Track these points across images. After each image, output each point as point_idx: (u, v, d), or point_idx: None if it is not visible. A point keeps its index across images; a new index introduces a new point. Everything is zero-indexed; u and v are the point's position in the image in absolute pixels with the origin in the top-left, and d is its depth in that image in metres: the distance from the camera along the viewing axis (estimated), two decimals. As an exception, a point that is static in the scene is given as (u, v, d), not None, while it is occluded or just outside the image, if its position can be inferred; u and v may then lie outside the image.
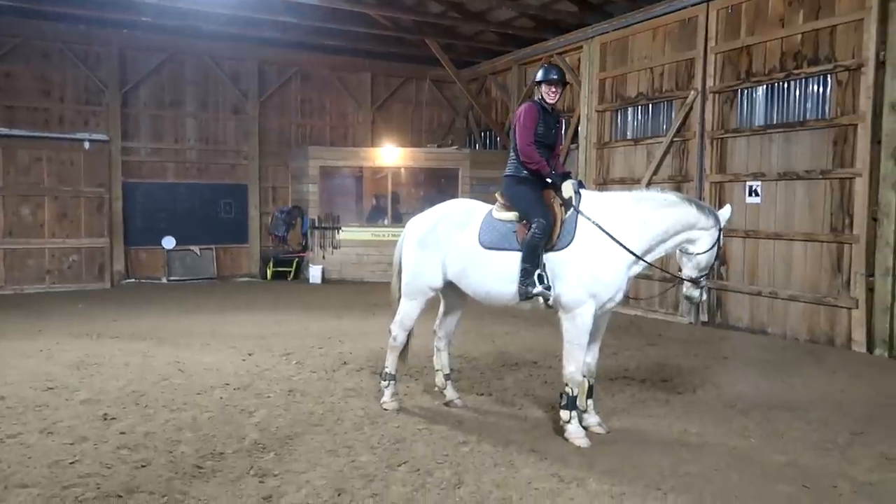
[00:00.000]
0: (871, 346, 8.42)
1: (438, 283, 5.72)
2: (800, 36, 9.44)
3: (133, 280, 14.83)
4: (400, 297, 5.99)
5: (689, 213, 4.99)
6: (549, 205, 5.23)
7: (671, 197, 5.12)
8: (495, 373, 7.19)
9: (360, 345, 8.50)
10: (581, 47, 13.42)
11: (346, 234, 15.22)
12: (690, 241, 5.03)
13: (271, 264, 15.61)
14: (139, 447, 4.83)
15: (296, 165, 15.92)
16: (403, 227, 17.23)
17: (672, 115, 11.50)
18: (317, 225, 15.14)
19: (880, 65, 8.38)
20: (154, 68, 14.99)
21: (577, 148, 13.60)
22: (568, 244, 5.09)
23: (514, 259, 5.22)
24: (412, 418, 5.57)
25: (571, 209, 5.15)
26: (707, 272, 5.10)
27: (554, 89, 5.41)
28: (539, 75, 5.51)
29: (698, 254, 5.00)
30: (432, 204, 17.65)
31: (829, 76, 9.12)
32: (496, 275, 5.34)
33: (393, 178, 15.89)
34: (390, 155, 15.59)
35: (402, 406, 5.83)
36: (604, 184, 12.91)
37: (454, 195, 15.52)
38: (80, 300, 12.25)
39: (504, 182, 5.58)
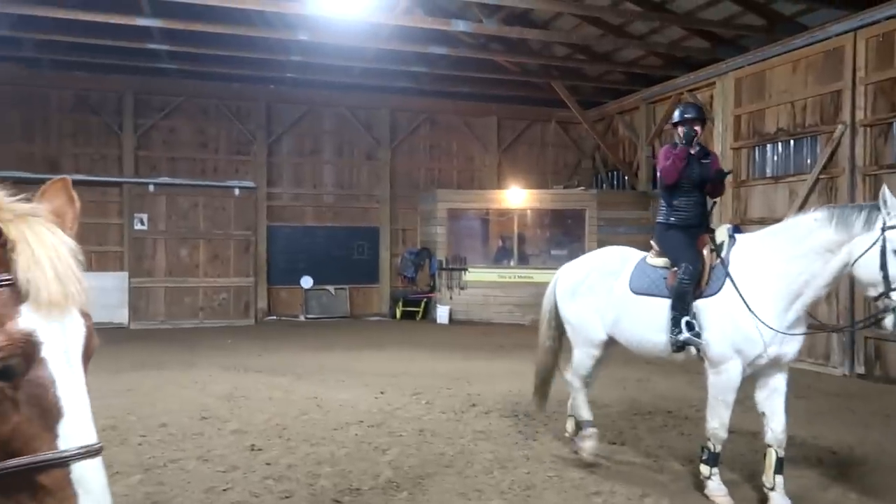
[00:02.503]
0: None
1: (600, 334, 5.55)
2: (965, 62, 8.66)
3: (274, 317, 15.80)
4: (547, 343, 6.11)
5: (827, 233, 4.44)
6: (699, 250, 5.03)
7: (811, 223, 4.53)
8: (628, 421, 6.97)
9: (488, 387, 8.53)
10: (714, 83, 13.02)
11: (473, 275, 15.43)
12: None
13: (400, 304, 16.09)
14: (283, 478, 5.11)
15: (424, 208, 16.44)
16: (529, 268, 17.07)
17: (817, 151, 10.83)
18: (444, 266, 15.48)
19: None
20: (296, 120, 16.17)
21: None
22: (715, 292, 4.81)
23: (664, 306, 5.02)
24: (542, 465, 5.51)
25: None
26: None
27: (696, 128, 5.29)
28: (675, 116, 5.41)
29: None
30: (559, 245, 17.55)
31: None
32: (647, 323, 5.15)
33: (519, 220, 15.99)
34: (516, 197, 15.73)
35: (596, 455, 5.54)
36: (741, 224, 12.28)
37: (581, 236, 15.41)
38: (228, 335, 13.19)
39: (655, 228, 5.54)
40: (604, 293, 5.46)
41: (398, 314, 16.08)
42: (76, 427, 1.50)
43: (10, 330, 1.46)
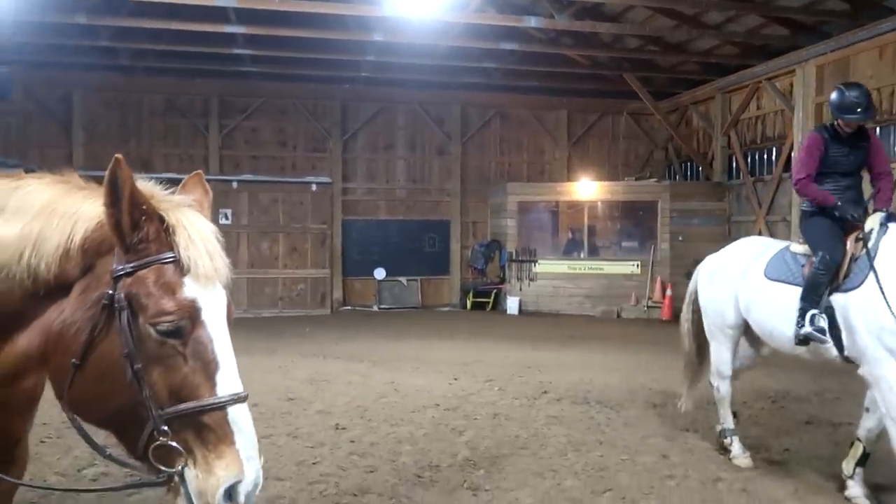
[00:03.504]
0: None
1: (732, 318, 5.33)
2: None
3: (349, 307, 16.37)
4: (685, 325, 5.93)
5: None
6: (842, 238, 4.63)
7: None
8: (701, 410, 6.96)
9: (558, 375, 8.67)
10: (793, 71, 12.69)
11: (543, 266, 15.53)
12: None
13: (471, 295, 16.36)
14: (367, 455, 5.44)
15: (495, 201, 16.63)
16: (600, 260, 17.04)
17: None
18: (514, 258, 15.63)
19: None
20: (370, 117, 16.66)
21: (791, 177, 12.74)
22: (857, 286, 4.38)
23: (796, 296, 4.68)
24: (615, 449, 5.65)
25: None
26: None
27: (853, 125, 4.82)
28: (834, 101, 4.85)
29: None
30: (629, 237, 17.50)
31: None
32: (777, 311, 4.85)
33: (589, 212, 15.98)
34: (586, 189, 15.72)
35: (750, 458, 5.30)
36: (822, 215, 11.95)
37: (653, 228, 15.28)
38: (306, 324, 13.78)
39: (800, 215, 5.31)
40: (738, 278, 5.25)
41: (468, 305, 16.35)
42: (229, 378, 1.82)
43: (179, 297, 1.80)
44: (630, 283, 15.18)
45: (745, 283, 5.17)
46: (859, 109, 4.71)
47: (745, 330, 5.39)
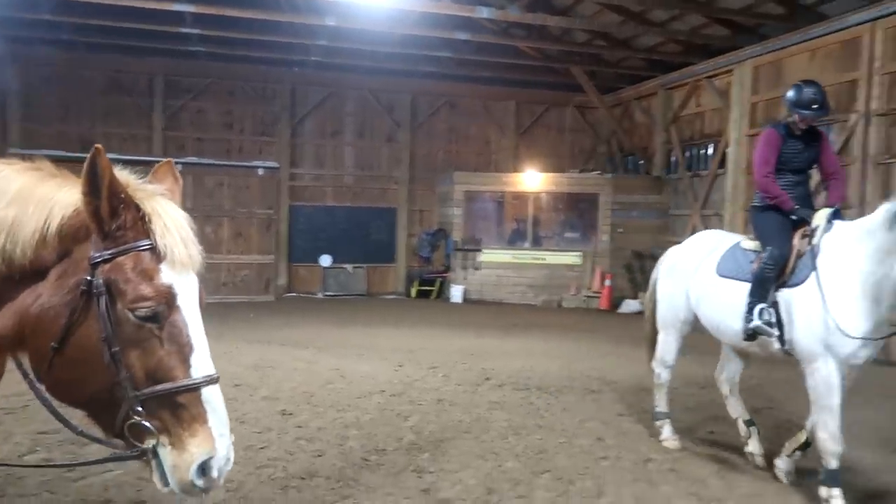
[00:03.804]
0: None
1: (683, 313, 5.48)
2: (979, 55, 8.82)
3: (293, 294, 16.27)
4: (648, 312, 6.05)
5: None
6: (789, 234, 4.70)
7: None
8: (635, 396, 7.32)
9: (500, 362, 8.91)
10: (731, 70, 13.20)
11: (487, 256, 15.78)
12: None
13: (416, 283, 16.51)
14: (314, 439, 5.53)
15: (442, 190, 16.77)
16: (543, 250, 17.42)
17: (831, 139, 11.01)
18: (460, 247, 15.83)
19: None
20: (319, 102, 16.54)
21: (725, 173, 13.31)
22: (801, 282, 4.46)
23: (745, 291, 4.77)
24: (553, 432, 5.89)
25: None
26: None
27: (809, 121, 4.84)
28: (791, 97, 4.86)
29: None
30: (572, 228, 17.92)
31: None
32: (726, 306, 4.93)
33: (534, 203, 16.30)
34: (532, 180, 16.02)
35: (679, 442, 5.56)
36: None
37: (594, 220, 15.71)
38: (250, 310, 13.67)
39: (750, 211, 5.29)
40: (691, 273, 5.35)
41: (413, 293, 16.49)
42: (202, 360, 1.92)
43: (156, 283, 1.88)
44: (571, 273, 15.59)
45: (696, 279, 5.27)
46: (815, 106, 4.75)
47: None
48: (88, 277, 1.88)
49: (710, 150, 14.34)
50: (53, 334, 1.89)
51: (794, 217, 4.74)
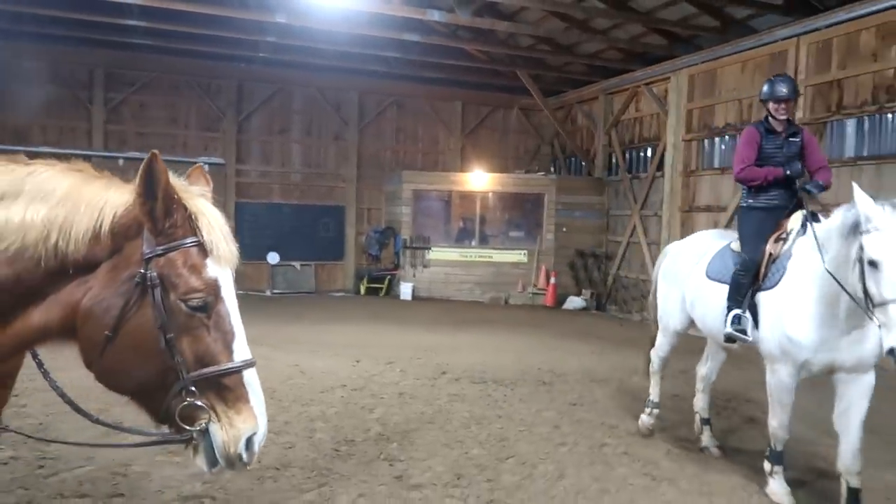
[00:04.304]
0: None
1: (678, 317, 5.51)
2: (893, 70, 9.61)
3: (241, 292, 15.91)
4: (653, 314, 6.04)
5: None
6: (764, 238, 4.67)
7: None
8: (585, 386, 7.72)
9: (454, 357, 9.17)
10: (669, 78, 13.85)
11: (436, 253, 16.03)
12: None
13: (365, 281, 16.61)
14: (282, 433, 5.64)
15: (390, 188, 16.93)
16: (489, 248, 17.67)
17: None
18: (408, 245, 16.03)
19: (976, 99, 8.51)
20: (266, 99, 16.42)
21: (663, 176, 13.97)
22: (773, 285, 4.45)
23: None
24: (513, 422, 6.19)
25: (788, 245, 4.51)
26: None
27: (784, 106, 4.87)
28: (764, 91, 4.95)
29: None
30: (517, 227, 18.36)
31: (922, 111, 9.27)
32: (713, 309, 4.91)
33: (481, 202, 16.64)
34: (479, 180, 16.36)
35: (651, 431, 5.83)
36: (689, 211, 13.23)
37: (539, 219, 16.18)
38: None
39: (739, 212, 5.28)
40: (686, 277, 5.35)
41: (362, 290, 16.59)
42: (242, 346, 2.10)
43: (205, 276, 2.05)
44: (517, 271, 16.03)
45: (690, 283, 5.29)
46: (785, 90, 4.84)
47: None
48: (142, 271, 2.03)
49: (649, 154, 14.99)
50: (106, 324, 2.03)
51: (788, 173, 4.73)
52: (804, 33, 10.82)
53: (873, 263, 3.58)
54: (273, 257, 16.29)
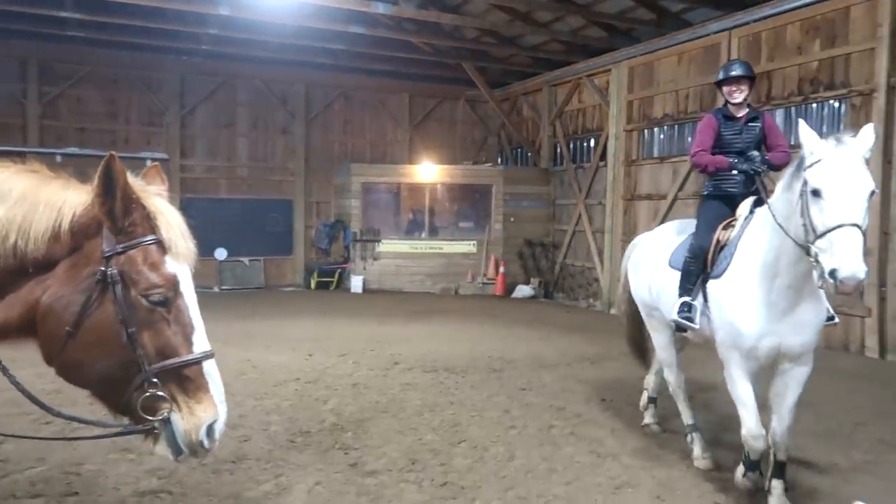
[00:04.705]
0: (883, 352, 9.04)
1: (649, 304, 5.30)
2: (816, 63, 10.15)
3: (188, 289, 15.82)
4: (623, 307, 5.87)
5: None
6: (714, 226, 4.59)
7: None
8: (534, 372, 7.98)
9: (407, 348, 9.31)
10: (610, 70, 14.23)
11: (386, 246, 16.12)
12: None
13: (315, 275, 16.57)
14: (237, 426, 5.69)
15: (339, 181, 16.91)
16: (439, 239, 17.87)
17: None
18: (358, 238, 16.07)
19: (891, 89, 9.06)
20: (210, 92, 16.18)
21: (606, 165, 14.36)
22: (721, 273, 4.32)
23: None
24: (464, 408, 6.38)
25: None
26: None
27: (740, 87, 4.79)
28: (719, 75, 4.93)
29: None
30: (466, 218, 18.55)
31: (844, 100, 9.81)
32: (670, 297, 4.79)
33: (430, 194, 16.79)
34: (427, 172, 16.49)
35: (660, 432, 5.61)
36: (631, 199, 13.66)
37: (487, 210, 16.43)
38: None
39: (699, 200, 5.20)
40: (652, 268, 5.25)
41: (313, 284, 16.56)
42: (201, 338, 2.20)
43: (164, 272, 2.14)
44: (467, 261, 16.25)
45: (655, 272, 5.19)
46: (737, 72, 4.81)
47: None
48: (103, 268, 2.10)
49: (592, 144, 15.37)
50: (67, 320, 2.10)
51: (736, 169, 4.69)
52: (735, 27, 11.29)
53: (816, 192, 3.48)
54: (221, 253, 16.10)
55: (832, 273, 3.32)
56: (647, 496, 4.45)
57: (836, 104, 9.97)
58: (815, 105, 10.25)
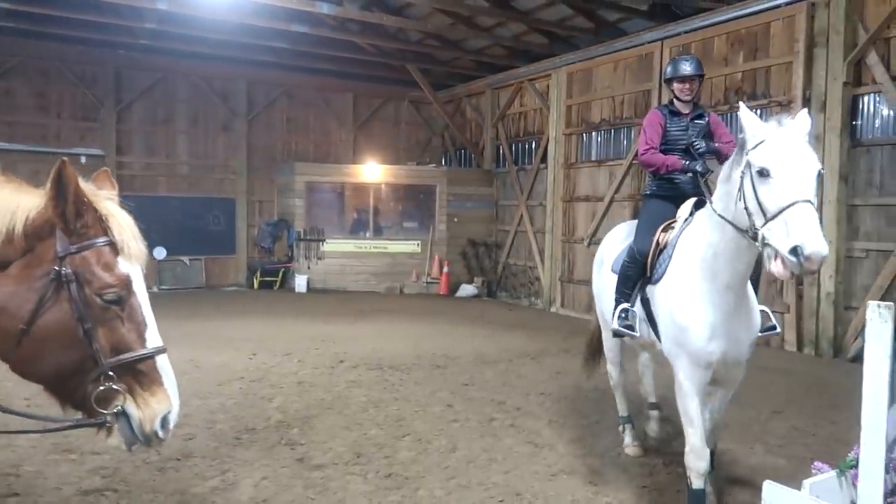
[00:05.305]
0: (800, 346, 9.67)
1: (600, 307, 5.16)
2: (740, 74, 10.74)
3: (125, 289, 15.46)
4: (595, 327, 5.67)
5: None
6: (654, 229, 4.39)
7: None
8: (477, 368, 8.22)
9: (352, 346, 9.42)
10: (550, 75, 14.63)
11: (330, 245, 16.12)
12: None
13: (258, 274, 16.42)
14: (182, 425, 5.68)
15: (282, 180, 16.80)
16: (384, 239, 17.99)
17: (631, 140, 12.73)
18: (302, 237, 16.01)
19: (806, 101, 9.67)
20: (148, 87, 15.81)
21: (546, 168, 14.76)
22: (661, 276, 4.13)
23: None
24: (408, 403, 6.56)
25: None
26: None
27: (691, 85, 4.66)
28: (668, 71, 4.75)
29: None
30: (411, 218, 18.72)
31: (765, 110, 10.41)
32: (610, 304, 4.65)
33: (374, 194, 16.87)
34: (372, 171, 16.57)
35: (644, 449, 5.29)
36: (570, 201, 14.09)
37: (432, 210, 16.63)
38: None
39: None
40: (598, 268, 5.17)
41: (256, 284, 16.41)
42: (154, 334, 2.31)
43: (118, 273, 2.24)
44: (412, 261, 16.41)
45: (599, 276, 5.10)
46: (688, 69, 4.66)
47: None
48: (57, 268, 2.19)
49: (534, 147, 15.76)
50: (21, 317, 2.19)
51: (690, 169, 4.53)
52: (667, 38, 11.82)
53: (763, 172, 3.24)
54: (160, 252, 15.75)
55: (794, 250, 3.01)
56: (581, 482, 4.73)
57: (758, 112, 10.55)
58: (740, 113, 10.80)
